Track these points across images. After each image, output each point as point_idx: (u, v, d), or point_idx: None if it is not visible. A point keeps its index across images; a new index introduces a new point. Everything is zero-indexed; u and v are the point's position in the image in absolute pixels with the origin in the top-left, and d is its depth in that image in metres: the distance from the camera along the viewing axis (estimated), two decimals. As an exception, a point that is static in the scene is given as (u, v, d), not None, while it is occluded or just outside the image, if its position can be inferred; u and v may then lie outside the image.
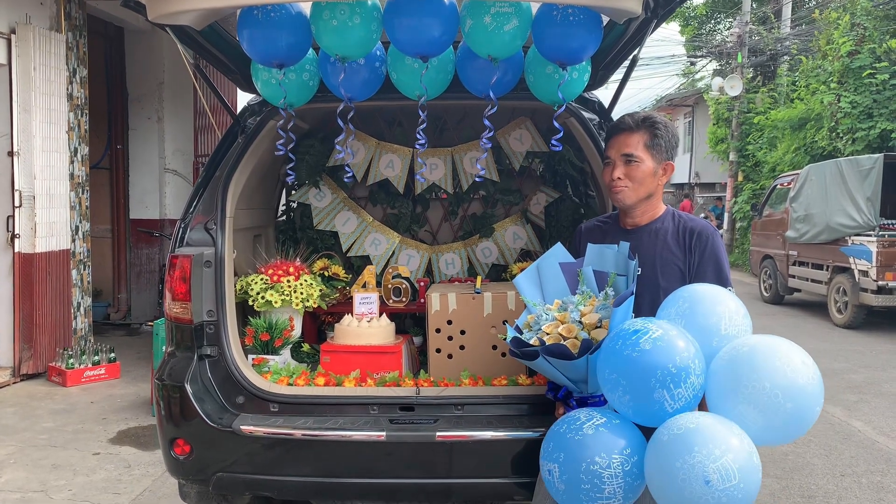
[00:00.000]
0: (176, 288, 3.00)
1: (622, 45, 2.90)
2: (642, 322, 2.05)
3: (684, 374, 1.93)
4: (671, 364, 1.92)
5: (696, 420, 1.89)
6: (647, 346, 1.95)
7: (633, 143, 2.47)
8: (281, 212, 4.50)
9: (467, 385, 3.03)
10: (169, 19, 2.42)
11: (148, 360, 6.80)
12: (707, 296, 2.18)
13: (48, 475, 4.51)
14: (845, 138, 13.39)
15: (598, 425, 2.04)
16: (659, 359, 1.93)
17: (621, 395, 2.01)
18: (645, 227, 2.56)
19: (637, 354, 1.95)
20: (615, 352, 2.03)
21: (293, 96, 2.87)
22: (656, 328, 1.99)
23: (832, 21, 14.52)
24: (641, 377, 1.94)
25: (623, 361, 1.98)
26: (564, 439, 2.08)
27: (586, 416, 2.09)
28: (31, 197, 6.66)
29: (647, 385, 1.94)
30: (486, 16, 2.43)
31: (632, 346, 1.97)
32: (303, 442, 2.81)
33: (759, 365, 1.91)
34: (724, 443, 1.82)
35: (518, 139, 4.19)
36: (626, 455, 1.98)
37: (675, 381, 1.92)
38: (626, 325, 2.07)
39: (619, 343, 2.02)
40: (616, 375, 2.01)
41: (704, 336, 2.06)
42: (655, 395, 1.93)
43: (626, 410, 2.04)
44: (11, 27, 6.51)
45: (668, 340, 1.96)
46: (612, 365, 2.03)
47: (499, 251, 4.34)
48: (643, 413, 2.01)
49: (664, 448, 1.89)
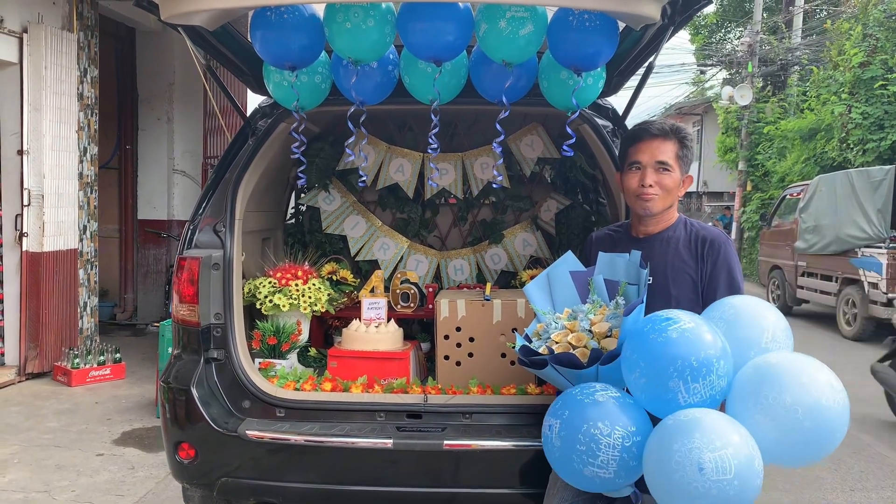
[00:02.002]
0: (183, 290, 2.97)
1: (638, 51, 2.87)
2: (677, 313, 2.05)
3: (705, 371, 1.91)
4: (693, 357, 1.91)
5: (704, 413, 1.89)
6: (674, 336, 1.95)
7: (667, 150, 2.44)
8: (290, 215, 4.47)
9: (476, 393, 3.00)
10: (181, 19, 2.40)
11: (153, 360, 6.77)
12: (754, 308, 2.17)
13: (51, 475, 4.48)
14: (856, 149, 13.31)
15: (610, 396, 2.05)
16: (682, 349, 1.92)
17: (638, 377, 2.00)
18: (657, 236, 2.53)
19: (662, 340, 1.95)
20: (642, 334, 2.03)
21: (305, 99, 2.86)
22: (689, 320, 1.99)
23: (844, 32, 14.45)
24: (661, 363, 1.94)
25: (647, 344, 1.99)
26: (574, 399, 2.10)
27: (602, 387, 2.11)
28: (39, 196, 6.65)
29: (664, 372, 1.93)
30: (502, 20, 2.41)
31: (659, 331, 1.98)
32: (309, 448, 2.78)
33: (783, 378, 1.88)
34: (726, 437, 1.81)
35: (529, 145, 4.16)
36: (629, 431, 1.98)
37: (693, 375, 1.90)
38: (662, 313, 2.07)
39: (649, 326, 2.03)
40: (636, 356, 2.01)
41: (744, 345, 2.05)
42: (671, 384, 1.92)
43: (640, 394, 2.04)
44: (24, 26, 6.51)
45: (696, 334, 1.95)
46: (636, 345, 2.03)
47: (508, 258, 4.30)
48: (655, 399, 2.00)
49: (666, 432, 1.89)
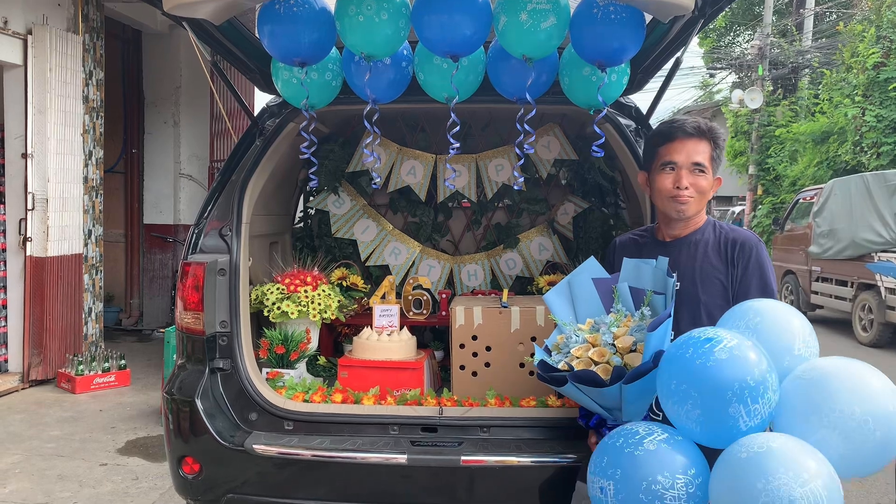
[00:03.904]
0: (188, 297, 2.85)
1: (664, 46, 2.74)
2: (713, 330, 1.87)
3: (762, 389, 1.74)
4: (749, 377, 1.74)
5: (776, 440, 1.71)
6: (723, 356, 1.76)
7: (702, 151, 2.32)
8: (298, 219, 4.36)
9: (493, 405, 2.86)
10: (185, 11, 2.28)
11: (159, 367, 6.69)
12: (780, 312, 2.00)
13: (53, 486, 4.38)
14: (870, 152, 13.16)
15: (660, 441, 1.85)
16: (736, 370, 1.74)
17: (690, 409, 1.80)
18: (684, 239, 2.40)
19: (712, 364, 1.76)
20: (685, 360, 1.82)
21: (315, 97, 2.74)
22: (731, 337, 1.81)
23: (857, 34, 14.31)
24: (716, 389, 1.75)
25: (695, 371, 1.79)
26: (622, 454, 1.87)
27: (646, 430, 1.90)
28: (44, 200, 6.57)
29: (722, 398, 1.74)
30: (522, 13, 2.30)
31: (705, 354, 1.78)
32: (319, 463, 2.66)
33: (847, 388, 1.73)
34: (811, 467, 1.64)
35: (546, 146, 4.03)
36: (690, 476, 1.79)
37: (752, 396, 1.73)
38: (696, 332, 1.89)
39: (690, 351, 1.82)
40: (686, 386, 1.80)
41: (776, 354, 1.88)
42: (731, 410, 1.74)
43: (693, 426, 1.84)
44: (28, 28, 6.44)
45: (743, 351, 1.78)
46: (682, 375, 1.83)
47: (524, 263, 4.17)
48: (713, 429, 1.81)
49: (742, 467, 1.69)
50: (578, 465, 2.48)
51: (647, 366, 1.99)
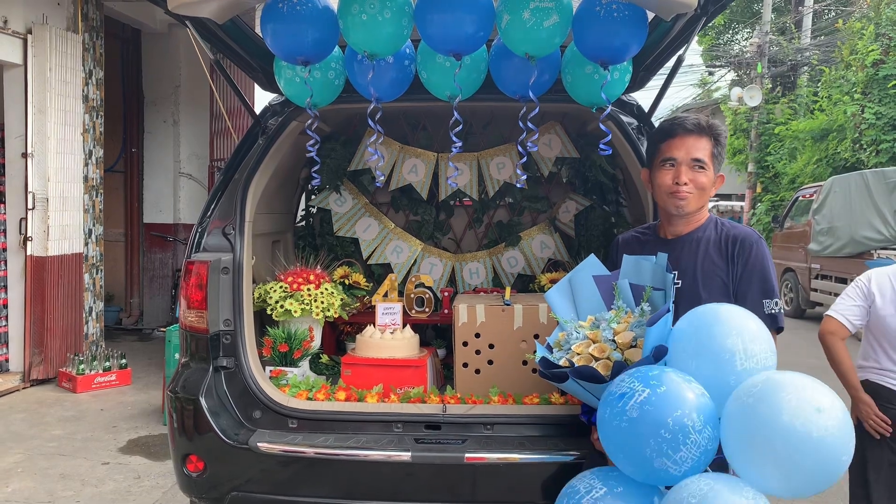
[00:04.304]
0: (191, 295, 2.85)
1: (667, 44, 2.74)
2: (630, 381, 1.87)
3: (681, 436, 1.74)
4: (662, 429, 1.74)
5: (701, 490, 1.71)
6: (634, 414, 1.78)
7: (702, 147, 2.32)
8: (300, 217, 4.36)
9: (496, 403, 2.86)
10: (188, 10, 2.28)
11: (160, 366, 6.69)
12: (720, 324, 1.95)
13: (56, 485, 4.38)
14: (869, 150, 13.17)
15: (596, 498, 1.90)
16: (647, 427, 1.75)
17: (625, 464, 1.87)
18: (686, 237, 2.41)
19: (626, 425, 1.79)
20: (606, 422, 1.88)
21: (318, 96, 2.74)
22: (642, 388, 1.80)
23: (856, 31, 14.31)
24: (635, 448, 1.78)
25: (614, 433, 1.84)
26: None
27: (586, 488, 1.95)
28: (44, 199, 6.57)
29: (643, 455, 1.77)
30: (525, 11, 2.30)
31: (619, 414, 1.82)
32: (323, 461, 2.66)
33: (770, 419, 1.68)
34: None
35: (547, 144, 4.04)
36: None
37: (672, 446, 1.74)
38: (614, 385, 1.91)
39: (608, 411, 1.87)
40: (613, 447, 1.87)
41: (719, 374, 1.87)
42: (656, 465, 1.76)
43: (635, 476, 1.89)
44: (28, 27, 6.43)
45: (656, 402, 1.77)
46: (607, 436, 1.88)
47: (525, 261, 4.17)
48: (651, 479, 1.86)
49: None
50: (581, 461, 2.49)
51: (647, 361, 2.00)
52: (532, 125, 2.55)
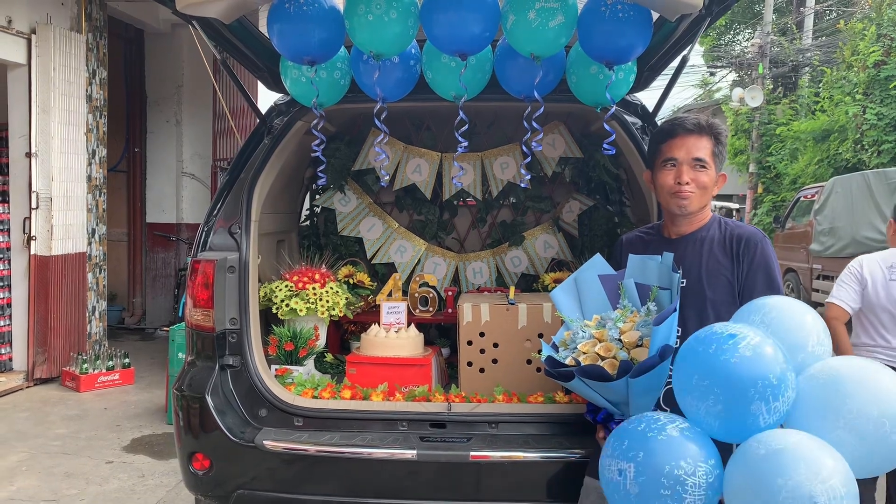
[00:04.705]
0: (198, 294, 2.86)
1: (671, 44, 2.75)
2: (735, 327, 1.87)
3: (783, 387, 1.76)
4: (772, 374, 1.74)
5: (794, 437, 1.72)
6: (748, 353, 1.76)
7: (703, 147, 2.33)
8: (304, 217, 4.37)
9: (501, 401, 2.88)
10: (196, 10, 2.30)
11: (162, 365, 6.70)
12: (794, 308, 2.01)
13: (60, 484, 4.39)
14: (871, 150, 13.16)
15: (682, 429, 1.85)
16: (760, 368, 1.75)
17: (712, 405, 1.81)
18: (690, 236, 2.42)
19: (737, 361, 1.76)
20: (709, 356, 1.82)
21: (324, 96, 2.75)
22: (753, 335, 1.82)
23: (857, 32, 14.31)
24: (740, 386, 1.75)
25: (719, 367, 1.78)
26: (645, 438, 1.86)
27: (668, 418, 1.90)
28: (48, 199, 6.58)
29: (745, 395, 1.75)
30: (531, 11, 2.31)
31: (729, 350, 1.78)
32: (328, 459, 2.67)
33: (864, 389, 1.75)
34: (830, 464, 1.65)
35: (551, 144, 4.05)
36: (710, 466, 1.79)
37: (774, 394, 1.74)
38: (717, 328, 1.89)
39: (714, 347, 1.82)
40: (709, 382, 1.80)
41: (790, 350, 1.89)
42: (753, 408, 1.74)
43: (713, 421, 1.84)
44: (32, 27, 6.44)
45: (766, 349, 1.79)
46: (705, 370, 1.82)
47: (529, 260, 4.19)
48: (733, 425, 1.82)
49: (761, 464, 1.70)
50: (586, 460, 2.50)
51: (653, 360, 2.00)
52: (536, 125, 2.56)
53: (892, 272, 3.36)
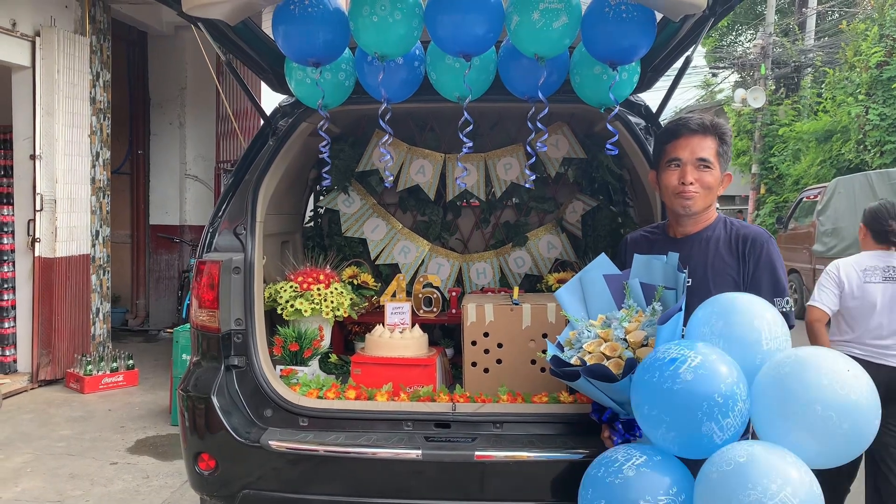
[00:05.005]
0: (203, 295, 2.87)
1: (675, 44, 2.76)
2: (678, 348, 1.88)
3: (731, 403, 1.77)
4: (716, 393, 1.76)
5: (746, 452, 1.73)
6: (689, 377, 1.78)
7: (707, 146, 2.33)
8: (308, 218, 4.38)
9: (505, 401, 2.88)
10: (202, 11, 2.31)
11: (166, 367, 6.71)
12: (743, 308, 2.02)
13: (65, 485, 4.41)
14: (873, 151, 13.16)
15: (638, 465, 1.89)
16: (703, 389, 1.76)
17: (665, 433, 1.85)
18: (695, 236, 2.42)
19: (679, 387, 1.78)
20: (653, 385, 1.85)
21: (329, 97, 2.77)
22: (694, 354, 1.83)
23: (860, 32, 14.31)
24: (686, 412, 1.78)
25: (663, 396, 1.82)
26: (604, 484, 1.91)
27: (624, 456, 1.94)
28: (52, 201, 6.60)
29: (693, 419, 1.77)
30: (535, 12, 2.32)
31: (671, 377, 1.81)
32: (334, 459, 2.67)
33: (807, 384, 1.75)
34: (781, 475, 1.67)
35: (554, 145, 4.05)
36: (672, 495, 1.83)
37: (722, 412, 1.76)
38: (660, 352, 1.90)
39: (657, 375, 1.85)
40: (657, 412, 1.84)
41: (745, 353, 1.91)
42: (703, 429, 1.77)
43: (671, 446, 1.88)
44: (36, 30, 6.47)
45: (709, 367, 1.80)
46: (652, 400, 1.86)
47: (532, 261, 4.19)
48: (690, 448, 1.86)
49: (715, 486, 1.73)
50: (591, 459, 2.50)
51: None
52: (541, 125, 2.57)
53: (866, 275, 3.58)
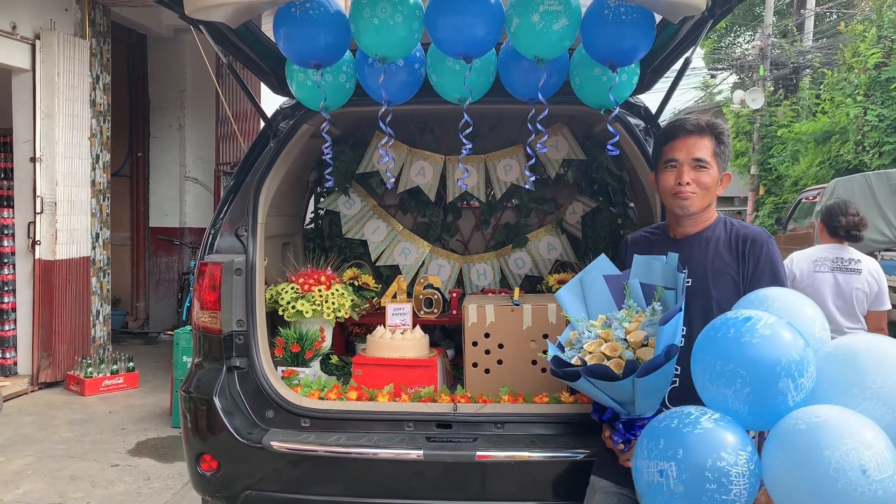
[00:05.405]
0: (205, 296, 2.88)
1: (674, 46, 2.78)
2: (747, 311, 1.87)
3: (806, 363, 1.76)
4: (794, 351, 1.75)
5: (830, 410, 1.71)
6: (767, 332, 1.76)
7: (703, 147, 2.34)
8: (309, 219, 4.39)
9: (506, 402, 2.89)
10: (204, 14, 2.32)
11: (166, 369, 6.72)
12: (794, 299, 2.04)
13: (66, 487, 4.41)
14: (872, 152, 13.17)
15: (715, 420, 1.82)
16: (781, 346, 1.75)
17: (739, 388, 1.78)
18: (695, 236, 2.42)
19: (758, 341, 1.75)
20: (728, 341, 1.81)
21: (329, 99, 2.78)
22: (768, 316, 1.82)
23: (858, 34, 14.33)
24: (765, 365, 1.74)
25: (743, 349, 1.77)
26: (682, 434, 1.81)
27: (698, 411, 1.87)
28: (52, 203, 6.61)
29: (772, 373, 1.73)
30: (535, 14, 2.33)
31: (748, 332, 1.78)
32: (336, 459, 2.68)
33: (879, 361, 1.77)
34: (870, 432, 1.65)
35: (554, 146, 4.06)
36: (748, 453, 1.76)
37: (798, 370, 1.74)
38: (730, 314, 1.89)
39: (732, 331, 1.81)
40: (733, 366, 1.78)
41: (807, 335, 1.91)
42: (780, 386, 1.73)
43: (741, 406, 1.81)
44: (36, 33, 6.48)
45: (783, 327, 1.79)
46: (727, 355, 1.80)
47: (532, 262, 4.20)
48: (762, 407, 1.79)
49: (803, 438, 1.68)
50: (592, 459, 2.51)
51: (659, 359, 2.01)
52: (541, 127, 2.58)
53: (817, 265, 4.07)
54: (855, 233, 4.10)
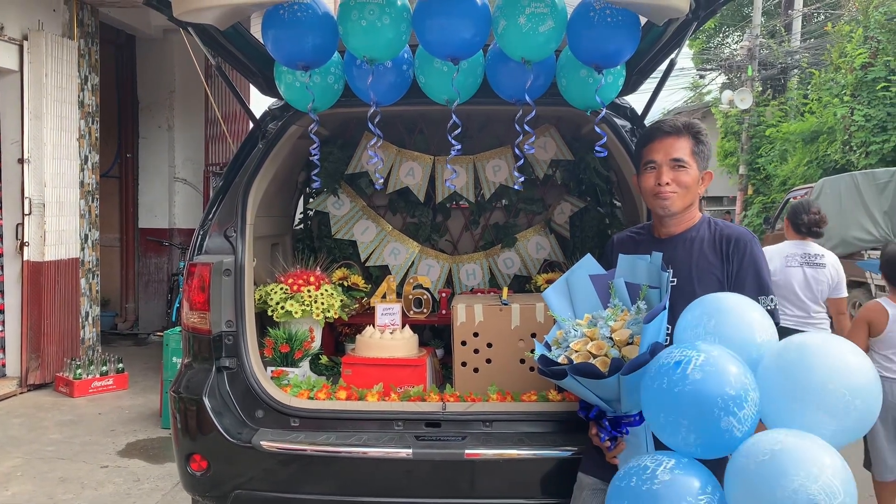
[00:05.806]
0: (194, 297, 2.89)
1: (659, 48, 2.81)
2: (679, 351, 1.89)
3: (743, 393, 1.78)
4: (727, 386, 1.77)
5: (778, 441, 1.74)
6: (698, 376, 1.79)
7: (681, 147, 2.37)
8: (298, 220, 4.40)
9: (495, 400, 2.92)
10: (193, 17, 2.33)
11: (156, 370, 6.71)
12: (731, 306, 2.06)
13: (55, 488, 4.40)
14: (859, 152, 13.28)
15: (671, 468, 1.85)
16: (714, 385, 1.77)
17: (685, 436, 1.83)
18: (679, 236, 2.45)
19: (690, 387, 1.79)
20: (663, 391, 1.85)
21: (318, 100, 2.79)
22: (697, 353, 1.84)
23: (845, 34, 14.44)
24: (703, 410, 1.78)
25: (676, 399, 1.81)
26: (640, 492, 1.86)
27: (653, 462, 1.90)
28: (40, 204, 6.58)
29: (711, 417, 1.77)
30: (521, 16, 2.35)
31: (680, 379, 1.81)
32: (325, 458, 2.69)
33: (818, 366, 1.78)
34: (818, 460, 1.67)
35: (542, 147, 4.09)
36: (709, 494, 1.80)
37: (737, 404, 1.76)
38: (663, 358, 1.90)
39: (665, 381, 1.84)
40: (674, 416, 1.83)
41: (742, 348, 1.93)
42: (723, 425, 1.76)
43: (694, 449, 1.87)
44: (24, 33, 6.46)
45: (714, 362, 1.81)
46: (665, 406, 1.85)
47: (521, 262, 4.23)
48: (713, 446, 1.84)
49: (755, 477, 1.72)
50: (579, 456, 2.53)
51: (643, 357, 2.03)
52: (528, 128, 2.60)
53: (788, 260, 4.39)
54: (816, 229, 4.47)
